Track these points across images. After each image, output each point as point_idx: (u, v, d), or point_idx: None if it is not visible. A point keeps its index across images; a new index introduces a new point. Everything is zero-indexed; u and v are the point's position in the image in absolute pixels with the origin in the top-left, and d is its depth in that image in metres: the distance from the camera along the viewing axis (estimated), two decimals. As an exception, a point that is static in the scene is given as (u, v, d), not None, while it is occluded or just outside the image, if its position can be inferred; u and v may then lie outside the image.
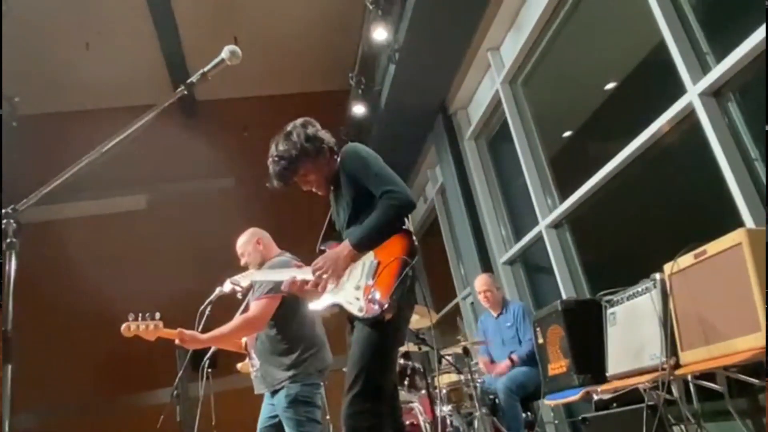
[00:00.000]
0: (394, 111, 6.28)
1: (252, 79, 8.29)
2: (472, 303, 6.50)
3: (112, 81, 7.95)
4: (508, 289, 5.61)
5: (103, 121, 6.74)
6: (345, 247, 1.90)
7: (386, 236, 1.86)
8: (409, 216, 1.92)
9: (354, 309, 1.82)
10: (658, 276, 2.54)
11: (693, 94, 3.32)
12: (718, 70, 3.14)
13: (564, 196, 4.82)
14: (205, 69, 1.69)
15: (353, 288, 1.85)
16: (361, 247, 1.88)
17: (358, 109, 6.36)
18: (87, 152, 1.56)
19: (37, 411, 7.24)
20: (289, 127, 2.19)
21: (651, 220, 4.28)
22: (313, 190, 2.22)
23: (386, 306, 1.74)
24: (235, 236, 3.89)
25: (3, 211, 1.34)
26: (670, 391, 2.23)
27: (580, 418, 2.19)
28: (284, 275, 2.11)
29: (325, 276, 1.90)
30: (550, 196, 5.06)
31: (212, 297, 3.77)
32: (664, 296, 2.47)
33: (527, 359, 3.90)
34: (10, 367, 1.26)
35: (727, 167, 3.08)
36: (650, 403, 2.05)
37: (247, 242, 3.49)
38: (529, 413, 3.88)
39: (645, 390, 2.15)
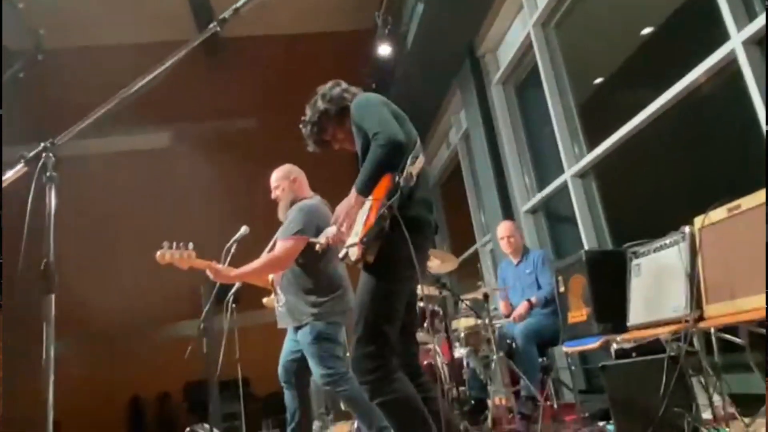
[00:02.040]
0: (420, 53, 6.13)
1: (276, 17, 8.10)
2: (492, 250, 6.53)
3: (133, 16, 7.84)
4: (529, 238, 5.61)
5: (124, 57, 6.70)
6: (352, 193, 1.94)
7: (378, 177, 1.86)
8: (416, 157, 1.91)
9: (350, 252, 1.86)
10: (687, 229, 2.51)
11: (736, 41, 3.18)
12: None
13: (592, 146, 4.74)
14: (238, 4, 1.65)
15: (355, 234, 1.88)
16: (361, 191, 1.90)
17: (384, 50, 6.22)
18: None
19: (73, 338, 7.57)
20: (318, 90, 2.30)
21: (681, 174, 4.19)
22: (346, 147, 2.28)
23: (362, 247, 1.78)
24: (256, 175, 3.91)
25: (42, 144, 1.36)
26: (691, 343, 2.24)
27: (599, 365, 2.23)
28: (331, 230, 2.13)
29: (342, 228, 1.94)
30: (577, 145, 4.97)
31: (237, 236, 3.86)
32: (693, 249, 2.45)
33: (545, 303, 3.94)
34: (53, 297, 1.30)
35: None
36: (672, 354, 2.06)
37: (283, 177, 3.53)
38: (545, 358, 3.95)
39: (667, 341, 2.16)
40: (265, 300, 3.83)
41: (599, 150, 4.52)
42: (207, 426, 4.35)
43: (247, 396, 7.21)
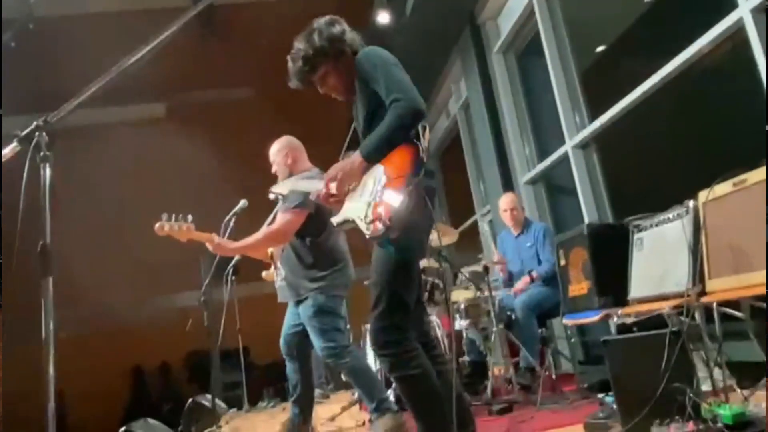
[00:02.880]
0: (420, 20, 6.00)
1: (271, -16, 7.92)
2: (491, 221, 6.52)
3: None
4: (529, 210, 5.58)
5: (119, 24, 6.56)
6: (357, 157, 1.84)
7: (393, 145, 1.79)
8: (425, 127, 1.82)
9: (363, 227, 1.79)
10: (691, 203, 2.49)
11: (744, 9, 3.11)
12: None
13: (594, 116, 4.68)
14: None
15: (365, 204, 1.80)
16: (370, 157, 1.82)
17: (383, 18, 6.08)
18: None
19: (74, 309, 7.60)
20: (313, 24, 2.08)
21: (685, 146, 4.14)
22: (333, 95, 2.12)
23: (389, 225, 1.70)
24: (253, 146, 3.85)
25: (35, 123, 1.31)
26: (693, 318, 2.24)
27: (601, 340, 2.23)
28: (315, 185, 2.09)
29: (333, 184, 1.86)
30: (578, 115, 4.91)
31: (236, 209, 3.84)
32: (696, 223, 2.43)
33: (545, 278, 3.95)
34: (51, 279, 1.28)
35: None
36: (674, 329, 2.06)
37: (277, 152, 3.48)
38: (544, 329, 3.98)
39: (669, 316, 2.16)
40: (264, 274, 3.82)
41: (601, 121, 4.47)
42: (209, 396, 4.40)
43: (247, 365, 7.31)
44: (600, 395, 2.89)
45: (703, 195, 2.38)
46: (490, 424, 2.95)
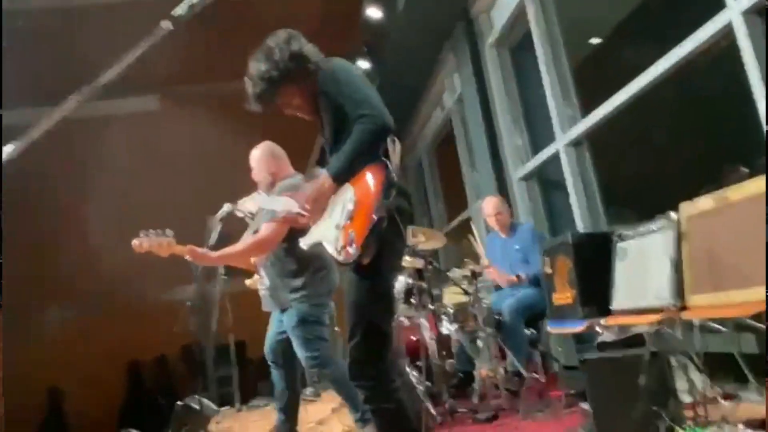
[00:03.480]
0: (412, 13, 5.90)
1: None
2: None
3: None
4: (522, 206, 5.55)
5: (123, 13, 6.48)
6: (325, 179, 1.79)
7: (361, 163, 1.74)
8: (394, 141, 1.77)
9: (333, 251, 1.75)
10: (674, 215, 2.45)
11: (735, 10, 3.04)
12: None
13: (586, 113, 4.61)
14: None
15: (334, 227, 1.76)
16: (339, 178, 1.77)
17: (373, 12, 5.99)
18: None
19: (71, 303, 7.63)
20: (270, 42, 1.97)
21: (679, 145, 4.07)
22: (298, 114, 2.05)
23: (360, 251, 1.67)
24: (247, 140, 3.81)
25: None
26: (673, 335, 2.22)
27: (579, 360, 2.21)
28: (283, 205, 2.05)
29: (307, 213, 1.83)
30: (570, 113, 4.83)
31: (221, 213, 3.80)
32: (678, 237, 2.39)
33: (534, 280, 3.92)
34: None
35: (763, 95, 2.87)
36: (653, 349, 2.03)
37: (258, 159, 3.45)
38: (533, 330, 3.96)
39: (648, 333, 2.14)
40: (248, 282, 3.80)
41: (593, 118, 4.40)
42: (197, 398, 4.40)
43: (243, 359, 7.34)
44: (585, 405, 2.88)
45: (684, 208, 2.35)
46: (474, 433, 2.94)
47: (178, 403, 4.48)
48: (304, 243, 1.88)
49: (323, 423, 3.99)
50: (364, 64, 6.42)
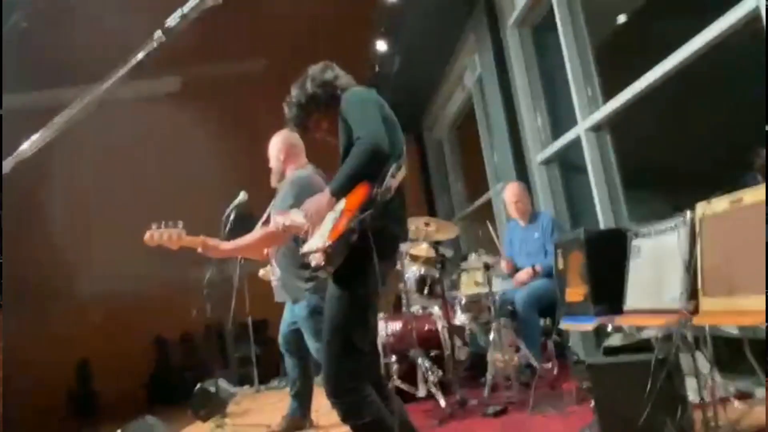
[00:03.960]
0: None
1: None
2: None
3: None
4: (542, 191, 5.44)
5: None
6: (325, 194, 1.88)
7: (355, 182, 1.80)
8: (400, 167, 1.81)
9: (311, 256, 1.81)
10: (689, 214, 2.37)
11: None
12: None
13: (609, 96, 4.46)
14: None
15: (320, 235, 1.82)
16: (336, 194, 1.84)
17: (392, -8, 5.87)
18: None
19: (98, 281, 7.83)
20: (308, 71, 2.17)
21: (707, 134, 3.91)
22: (327, 138, 2.17)
23: (325, 258, 1.72)
24: (269, 122, 3.81)
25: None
26: (685, 338, 2.17)
27: (585, 365, 2.18)
28: (299, 218, 2.07)
29: (306, 224, 1.91)
30: (593, 96, 4.69)
31: (236, 201, 3.83)
32: (692, 237, 2.32)
33: (550, 271, 3.86)
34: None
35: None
36: (659, 356, 1.99)
37: (272, 147, 3.50)
38: (547, 319, 3.92)
39: (656, 338, 2.09)
40: (261, 272, 3.84)
41: (616, 102, 4.25)
42: (215, 381, 4.50)
43: (264, 339, 7.46)
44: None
45: (700, 208, 2.27)
46: (483, 428, 2.94)
47: (198, 386, 4.58)
48: (302, 251, 1.92)
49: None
50: (382, 46, 6.33)
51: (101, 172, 7.89)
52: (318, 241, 1.79)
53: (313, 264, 1.77)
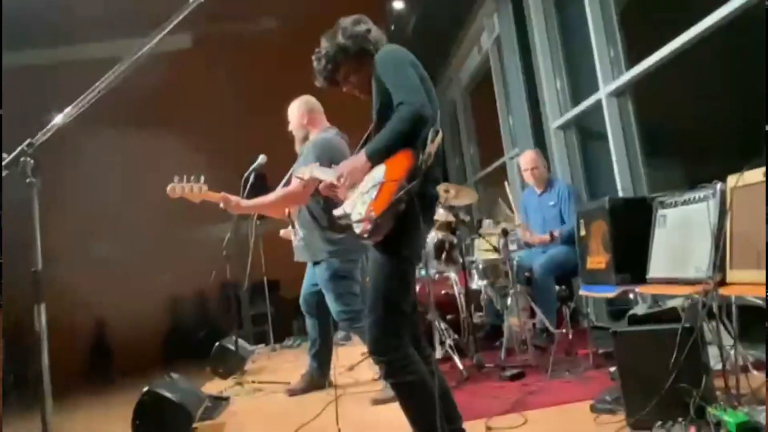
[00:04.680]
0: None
1: None
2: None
3: None
4: (558, 157, 5.40)
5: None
6: (362, 156, 1.85)
7: (395, 148, 1.78)
8: (438, 132, 1.78)
9: (354, 222, 1.81)
10: (719, 186, 2.35)
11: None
12: None
13: (633, 60, 4.36)
14: None
15: (361, 202, 1.81)
16: (373, 158, 1.82)
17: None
18: None
19: (111, 240, 7.90)
20: (339, 23, 2.11)
21: (738, 104, 3.80)
22: (356, 93, 2.11)
23: (373, 229, 1.72)
24: (280, 80, 3.74)
25: (20, 148, 1.29)
26: (710, 310, 2.18)
27: (610, 331, 2.20)
28: (329, 175, 2.07)
29: (339, 186, 1.89)
30: (615, 59, 4.60)
31: (255, 165, 3.82)
32: (722, 209, 2.31)
33: (567, 238, 3.87)
34: (44, 305, 1.29)
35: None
36: (686, 324, 2.01)
37: (293, 112, 3.49)
38: (564, 287, 3.95)
39: (683, 309, 2.10)
40: (282, 232, 3.86)
41: (640, 68, 4.16)
42: (234, 339, 4.58)
43: (277, 299, 7.56)
44: (612, 368, 2.89)
45: (732, 179, 2.25)
46: (500, 391, 2.99)
47: (217, 344, 4.66)
48: (336, 213, 1.93)
49: (353, 369, 4.12)
50: (398, 4, 6.19)
51: (116, 133, 7.86)
52: (360, 208, 1.79)
53: (357, 231, 1.78)
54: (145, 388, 2.82)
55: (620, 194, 4.34)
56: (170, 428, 2.70)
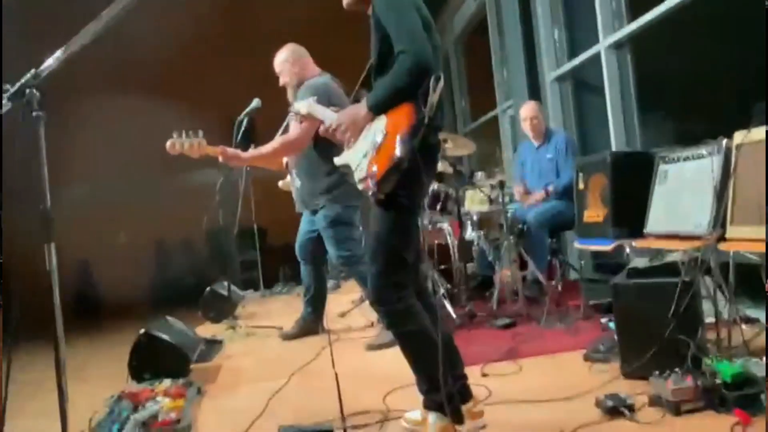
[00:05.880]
0: None
1: None
2: (512, 116, 6.30)
3: None
4: (553, 109, 5.36)
5: None
6: (363, 107, 1.79)
7: (399, 100, 1.73)
8: (439, 78, 1.71)
9: (357, 178, 1.79)
10: (724, 142, 2.36)
11: None
12: None
13: (635, 14, 4.28)
14: None
15: (362, 155, 1.77)
16: (375, 109, 1.77)
17: None
18: None
19: (98, 185, 7.77)
20: None
21: (743, 63, 3.75)
22: (354, 9, 1.97)
23: (377, 187, 1.69)
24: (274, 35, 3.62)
25: (24, 78, 1.23)
26: (708, 269, 2.22)
27: (611, 283, 2.23)
28: (329, 116, 2.01)
29: (339, 135, 1.84)
30: (617, 11, 4.51)
31: (248, 109, 3.74)
32: (726, 164, 2.32)
33: (562, 192, 3.88)
34: (53, 245, 1.26)
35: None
36: (686, 279, 2.04)
37: (283, 61, 3.40)
38: (554, 240, 3.98)
39: (682, 263, 2.13)
40: (280, 183, 3.82)
41: (643, 20, 4.09)
42: (225, 284, 4.59)
43: (264, 246, 7.55)
44: (603, 320, 2.96)
45: (738, 136, 2.25)
46: (493, 339, 3.05)
47: (208, 289, 4.67)
48: (337, 161, 1.90)
49: (345, 316, 4.17)
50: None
51: (104, 80, 7.62)
52: (362, 164, 1.76)
53: (360, 188, 1.76)
54: (142, 330, 2.82)
55: (613, 149, 4.34)
56: (167, 369, 2.71)
